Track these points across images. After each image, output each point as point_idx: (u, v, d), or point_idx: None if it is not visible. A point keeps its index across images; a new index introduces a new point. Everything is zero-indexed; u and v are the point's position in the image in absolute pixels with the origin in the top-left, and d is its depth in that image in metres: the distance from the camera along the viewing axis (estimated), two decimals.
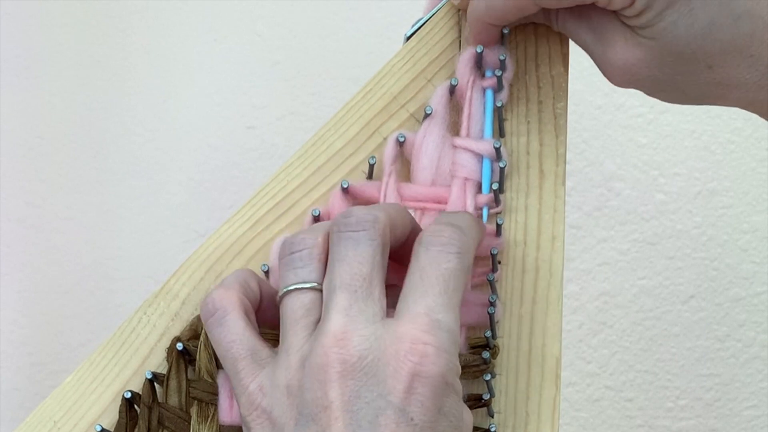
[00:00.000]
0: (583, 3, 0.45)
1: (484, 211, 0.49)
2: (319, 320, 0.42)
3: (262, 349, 0.43)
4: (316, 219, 0.49)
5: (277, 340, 0.44)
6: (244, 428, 0.43)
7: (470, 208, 0.49)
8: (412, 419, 0.40)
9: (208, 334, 0.45)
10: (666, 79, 0.47)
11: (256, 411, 0.42)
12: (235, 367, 0.43)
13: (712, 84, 0.46)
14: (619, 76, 0.47)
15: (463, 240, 0.43)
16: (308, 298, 0.43)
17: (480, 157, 0.49)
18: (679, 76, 0.46)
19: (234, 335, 0.43)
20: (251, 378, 0.43)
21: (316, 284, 0.43)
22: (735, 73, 0.45)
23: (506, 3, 0.46)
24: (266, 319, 0.46)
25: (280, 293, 0.44)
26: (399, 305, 0.42)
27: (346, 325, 0.41)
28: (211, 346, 0.47)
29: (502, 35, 0.49)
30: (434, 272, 0.42)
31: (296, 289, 0.43)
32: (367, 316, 0.41)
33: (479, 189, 0.49)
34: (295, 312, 0.43)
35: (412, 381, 0.40)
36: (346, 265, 0.42)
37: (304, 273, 0.43)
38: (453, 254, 0.42)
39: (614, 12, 0.46)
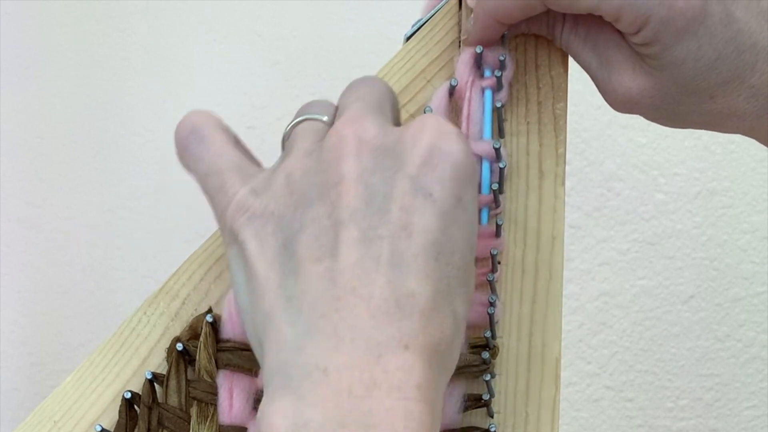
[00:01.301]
0: (593, 12, 0.45)
1: (484, 212, 0.49)
2: None
3: (251, 164, 0.41)
4: None
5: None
6: (227, 245, 0.39)
7: None
8: (431, 194, 0.37)
9: (186, 158, 0.41)
10: (667, 108, 0.47)
11: (246, 213, 0.38)
12: (220, 180, 0.39)
13: (713, 113, 0.46)
14: (621, 103, 0.48)
15: None
16: (319, 125, 0.41)
17: (479, 157, 0.49)
18: (681, 106, 0.47)
19: (218, 148, 0.40)
20: (240, 185, 0.39)
21: (328, 119, 0.41)
22: (735, 103, 0.46)
23: (516, 1, 0.46)
24: None
25: (285, 131, 0.41)
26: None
27: (363, 112, 0.39)
28: (211, 346, 0.47)
29: (502, 35, 0.49)
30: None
31: (307, 119, 0.41)
32: (382, 117, 0.39)
33: (479, 190, 0.49)
34: (304, 131, 0.40)
35: (431, 153, 0.37)
36: (356, 90, 0.41)
37: (316, 109, 0.42)
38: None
39: (624, 39, 0.46)
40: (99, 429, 0.48)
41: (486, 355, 0.47)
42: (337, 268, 0.36)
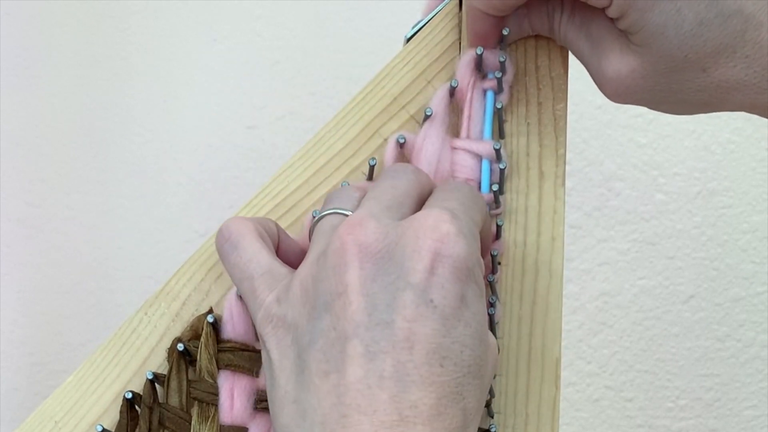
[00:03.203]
0: None
1: None
2: None
3: (281, 267, 0.43)
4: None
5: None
6: (262, 350, 0.42)
7: None
8: (431, 301, 0.38)
9: (224, 263, 0.44)
10: (663, 89, 0.46)
11: (272, 322, 0.41)
12: (252, 286, 0.42)
13: (710, 88, 0.45)
14: (614, 89, 0.47)
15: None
16: (339, 219, 0.42)
17: (479, 157, 0.49)
18: (675, 84, 0.46)
19: (250, 255, 0.43)
20: (268, 292, 0.42)
21: (350, 212, 0.42)
22: (731, 75, 0.45)
23: None
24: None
25: (313, 221, 0.43)
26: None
27: (366, 215, 0.40)
28: (212, 347, 0.47)
29: (502, 36, 0.49)
30: (448, 193, 0.43)
31: (331, 213, 0.43)
32: (389, 215, 0.41)
33: (479, 189, 0.49)
34: (323, 228, 0.42)
35: (432, 260, 0.38)
36: (379, 188, 0.42)
37: (339, 202, 0.43)
38: (468, 188, 0.44)
39: (612, 22, 0.46)
40: (100, 429, 0.48)
41: None
42: (343, 384, 0.38)
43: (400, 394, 0.37)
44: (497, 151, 0.49)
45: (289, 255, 0.46)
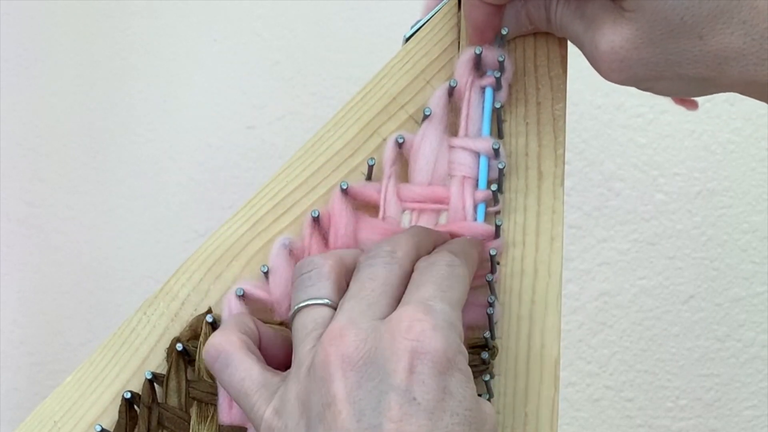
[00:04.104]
0: None
1: (481, 208, 0.49)
2: None
3: (273, 377, 0.44)
4: (316, 220, 0.49)
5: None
6: None
7: (470, 207, 0.49)
8: (414, 399, 0.39)
9: (217, 379, 0.45)
10: (658, 61, 0.45)
11: None
12: (249, 403, 0.43)
13: (708, 58, 0.44)
14: (609, 63, 0.45)
15: (460, 252, 0.45)
16: (318, 313, 0.43)
17: (477, 155, 0.49)
18: (672, 55, 0.44)
19: (243, 372, 0.44)
20: (265, 406, 0.43)
21: (326, 300, 0.44)
22: (729, 42, 0.44)
23: None
24: (266, 358, 0.46)
25: (291, 312, 0.44)
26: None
27: (345, 323, 0.41)
28: None
29: (501, 36, 0.49)
30: (425, 276, 0.43)
31: (306, 305, 0.44)
32: (369, 315, 0.42)
33: (477, 186, 0.49)
34: (305, 326, 0.43)
35: (411, 360, 0.40)
36: (358, 282, 0.43)
37: (314, 290, 0.44)
38: (445, 264, 0.44)
39: None
40: (99, 429, 0.48)
41: (485, 355, 0.47)
42: None
43: None
44: (496, 150, 0.49)
45: (271, 348, 0.47)
